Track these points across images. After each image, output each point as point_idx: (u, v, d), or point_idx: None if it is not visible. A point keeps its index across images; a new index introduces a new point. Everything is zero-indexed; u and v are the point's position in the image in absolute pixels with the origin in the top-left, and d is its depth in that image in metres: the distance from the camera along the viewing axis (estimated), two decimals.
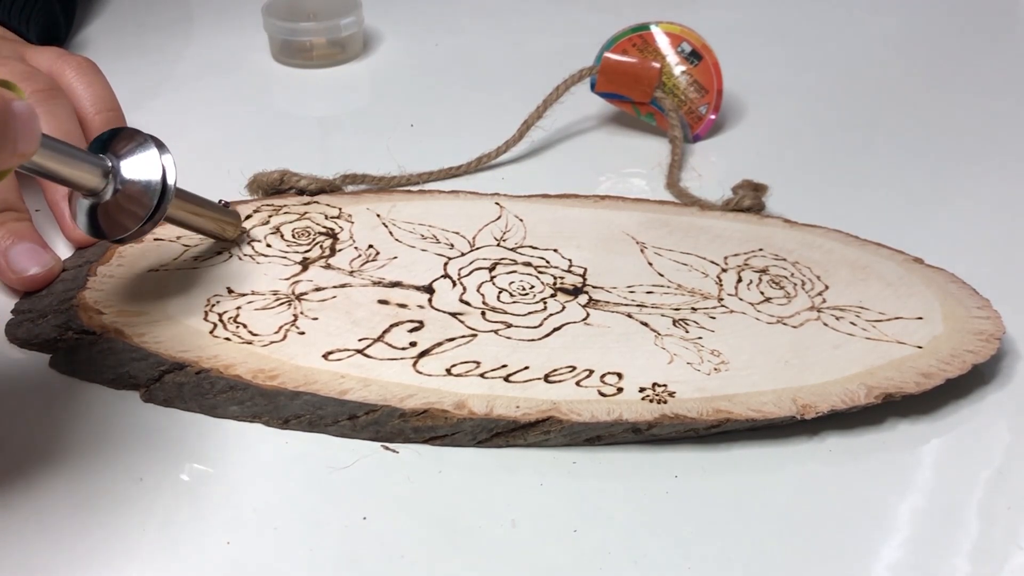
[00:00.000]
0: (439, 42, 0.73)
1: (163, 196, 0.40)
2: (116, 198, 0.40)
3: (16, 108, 0.32)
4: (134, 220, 0.40)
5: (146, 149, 0.40)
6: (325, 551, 0.35)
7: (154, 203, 0.40)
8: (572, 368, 0.41)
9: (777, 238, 0.49)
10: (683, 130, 0.57)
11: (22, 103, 0.33)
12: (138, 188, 0.40)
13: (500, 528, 0.36)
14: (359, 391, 0.39)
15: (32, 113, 0.33)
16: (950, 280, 0.46)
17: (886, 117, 0.63)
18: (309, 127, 0.63)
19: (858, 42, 0.74)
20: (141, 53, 0.70)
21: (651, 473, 0.38)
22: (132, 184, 0.40)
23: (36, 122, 0.33)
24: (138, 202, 0.40)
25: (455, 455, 0.38)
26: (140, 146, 0.41)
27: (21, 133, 0.32)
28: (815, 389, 0.39)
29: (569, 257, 0.47)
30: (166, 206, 0.40)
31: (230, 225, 0.47)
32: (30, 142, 0.33)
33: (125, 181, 0.40)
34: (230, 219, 0.47)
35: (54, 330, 0.42)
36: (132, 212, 0.40)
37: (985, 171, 0.58)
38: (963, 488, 0.38)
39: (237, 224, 0.47)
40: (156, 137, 0.41)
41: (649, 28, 0.58)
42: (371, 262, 0.47)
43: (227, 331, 0.42)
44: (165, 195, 0.40)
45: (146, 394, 0.40)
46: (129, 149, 0.41)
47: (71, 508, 0.36)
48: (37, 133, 0.33)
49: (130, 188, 0.40)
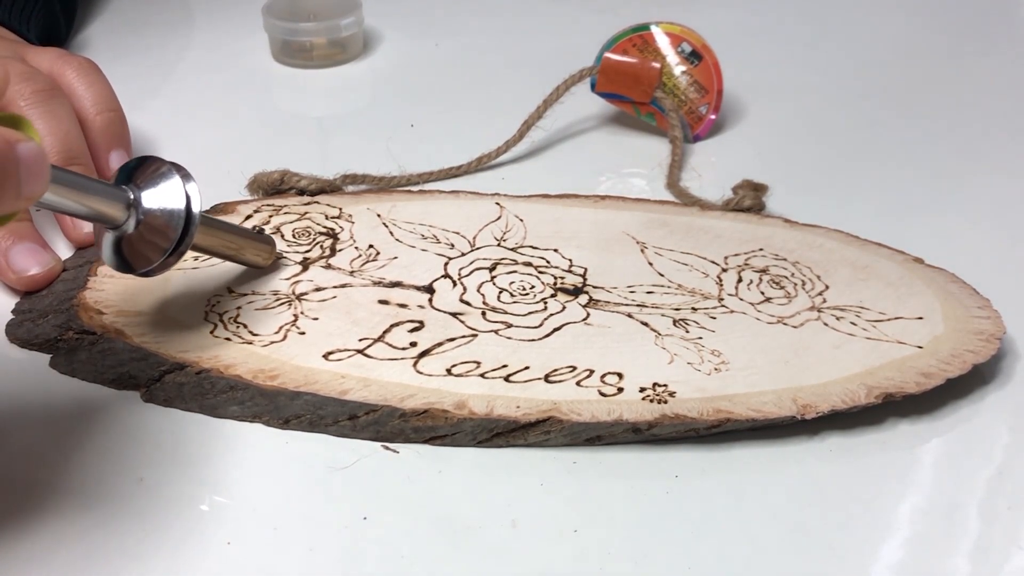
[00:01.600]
0: (439, 42, 0.73)
1: (187, 227, 0.39)
2: (140, 230, 0.39)
3: (21, 151, 0.31)
4: (158, 252, 0.38)
5: (169, 178, 0.39)
6: (325, 551, 0.35)
7: (178, 235, 0.38)
8: (572, 368, 0.41)
9: (777, 238, 0.49)
10: (683, 130, 0.57)
11: (29, 145, 0.31)
12: (161, 219, 0.38)
13: (500, 528, 0.36)
14: (359, 391, 0.39)
15: (40, 155, 0.32)
16: (950, 280, 0.46)
17: (886, 117, 0.63)
18: (309, 127, 0.63)
19: (858, 42, 0.74)
20: (141, 53, 0.70)
21: (651, 473, 0.38)
22: (155, 215, 0.39)
23: (44, 163, 0.32)
24: (162, 234, 0.38)
25: (455, 455, 0.38)
26: (163, 175, 0.39)
27: (26, 176, 0.31)
28: (815, 389, 0.39)
29: (569, 257, 0.47)
30: (191, 238, 0.39)
31: (264, 252, 0.45)
32: (37, 184, 0.32)
33: (147, 212, 0.39)
34: (264, 246, 0.45)
35: (54, 330, 0.42)
36: (155, 244, 0.38)
37: (985, 171, 0.58)
38: (963, 488, 0.38)
39: (271, 251, 0.46)
40: (181, 166, 0.40)
41: (649, 28, 0.58)
42: (371, 262, 0.47)
43: (227, 331, 0.42)
44: (190, 226, 0.39)
45: (146, 394, 0.40)
46: (152, 179, 0.39)
47: (71, 508, 0.36)
48: (45, 174, 0.32)
49: (153, 219, 0.39)
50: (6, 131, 0.31)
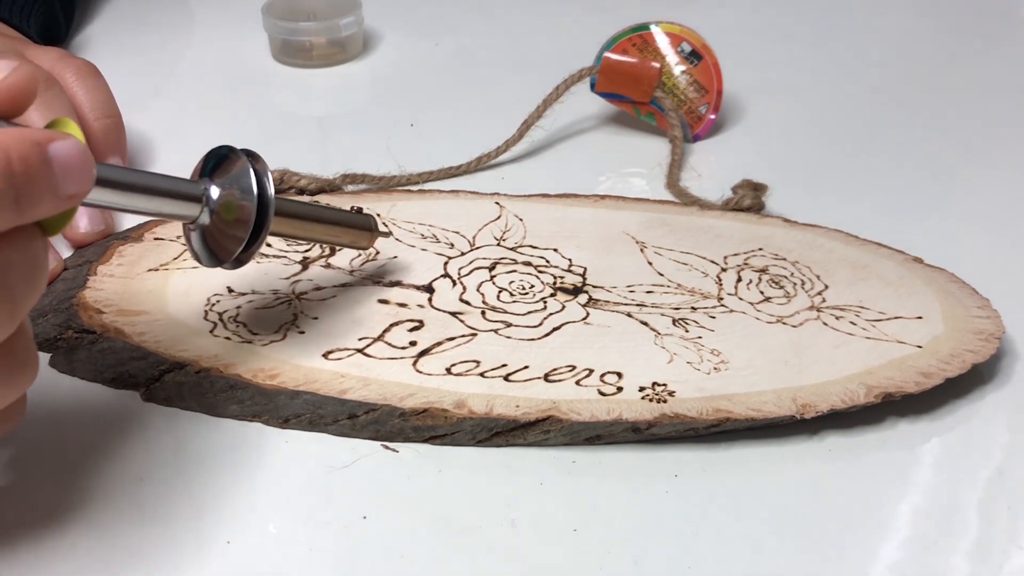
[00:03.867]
0: (439, 42, 0.73)
1: (263, 214, 0.37)
2: (215, 222, 0.38)
3: (54, 150, 0.30)
4: (236, 243, 0.37)
5: (239, 166, 0.38)
6: (325, 551, 0.35)
7: (251, 223, 0.37)
8: (572, 367, 0.41)
9: (777, 238, 0.49)
10: (683, 130, 0.57)
11: (66, 143, 0.30)
12: (235, 209, 0.37)
13: (500, 528, 0.36)
14: (359, 390, 0.39)
15: (80, 151, 0.30)
16: (950, 280, 0.46)
17: (886, 117, 0.63)
18: (309, 127, 0.63)
19: (858, 42, 0.74)
20: (141, 53, 0.70)
21: (651, 472, 0.38)
22: (229, 206, 0.37)
23: (85, 160, 0.30)
24: (238, 224, 0.37)
25: (455, 454, 0.38)
26: (233, 164, 0.38)
27: (64, 175, 0.30)
28: (815, 388, 0.39)
29: (569, 256, 0.47)
30: (268, 224, 0.38)
31: (364, 236, 0.44)
32: (78, 182, 0.30)
33: (220, 204, 0.37)
34: (362, 226, 0.44)
35: (54, 329, 0.42)
36: (233, 235, 0.38)
37: (985, 171, 0.58)
38: (963, 488, 0.38)
39: (372, 234, 0.44)
40: (254, 153, 0.38)
41: (649, 28, 0.58)
42: (371, 261, 0.47)
43: (227, 330, 0.42)
44: (265, 213, 0.37)
45: (146, 393, 0.40)
46: (223, 169, 0.38)
47: (71, 508, 0.36)
48: (87, 171, 0.31)
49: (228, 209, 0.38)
50: (37, 132, 0.30)
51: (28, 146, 0.29)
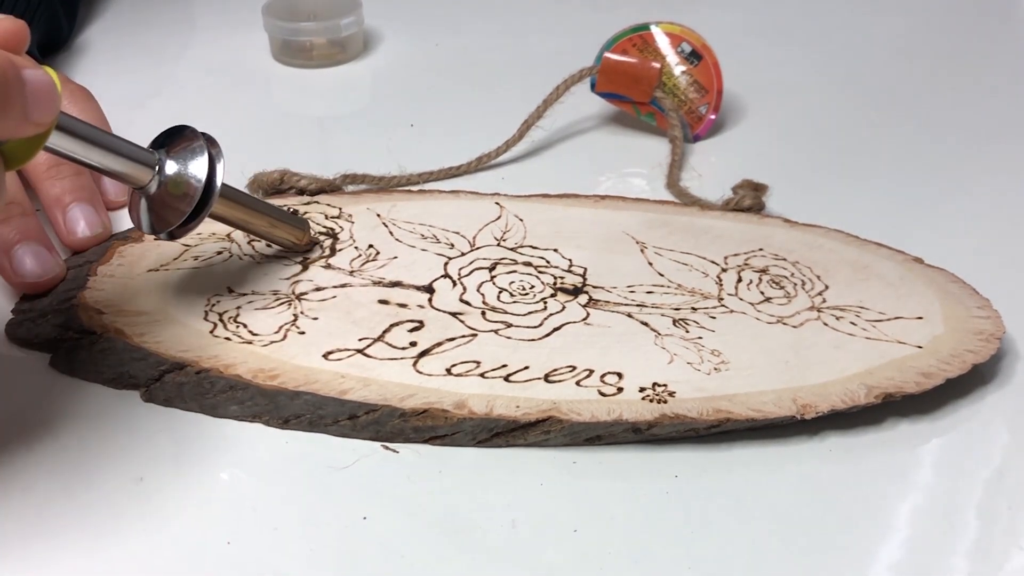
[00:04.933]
0: (439, 42, 0.73)
1: (208, 194, 0.40)
2: (161, 193, 0.40)
3: (28, 75, 0.32)
4: (177, 216, 0.40)
5: (196, 147, 0.41)
6: (325, 551, 0.35)
7: (196, 200, 0.40)
8: (572, 368, 0.41)
9: (777, 238, 0.49)
10: (683, 130, 0.57)
11: (38, 72, 0.33)
12: (183, 184, 0.40)
13: (500, 528, 0.36)
14: (359, 391, 0.39)
15: (49, 84, 0.33)
16: (950, 280, 0.46)
17: (886, 117, 0.63)
18: (309, 127, 0.63)
19: (858, 42, 0.74)
20: (141, 53, 0.70)
21: (651, 473, 0.38)
22: (177, 180, 0.40)
23: (53, 93, 0.33)
24: (183, 198, 0.40)
25: (455, 455, 0.38)
26: (192, 143, 0.41)
27: (33, 101, 0.32)
28: (815, 389, 0.39)
29: (569, 257, 0.47)
30: (211, 204, 0.40)
31: (296, 233, 0.46)
32: (44, 111, 0.33)
33: (170, 177, 0.40)
34: (296, 226, 0.46)
35: (54, 330, 0.42)
36: (175, 208, 0.40)
37: (985, 171, 0.58)
38: (963, 488, 0.38)
39: (304, 233, 0.47)
40: (212, 137, 0.41)
41: (649, 28, 0.58)
42: (371, 262, 0.47)
43: (227, 331, 0.42)
44: (211, 193, 0.40)
45: (146, 394, 0.40)
46: (180, 146, 0.41)
47: (71, 508, 0.36)
48: (53, 103, 0.33)
49: (176, 184, 0.40)
50: (15, 56, 0.32)
51: (5, 61, 0.32)
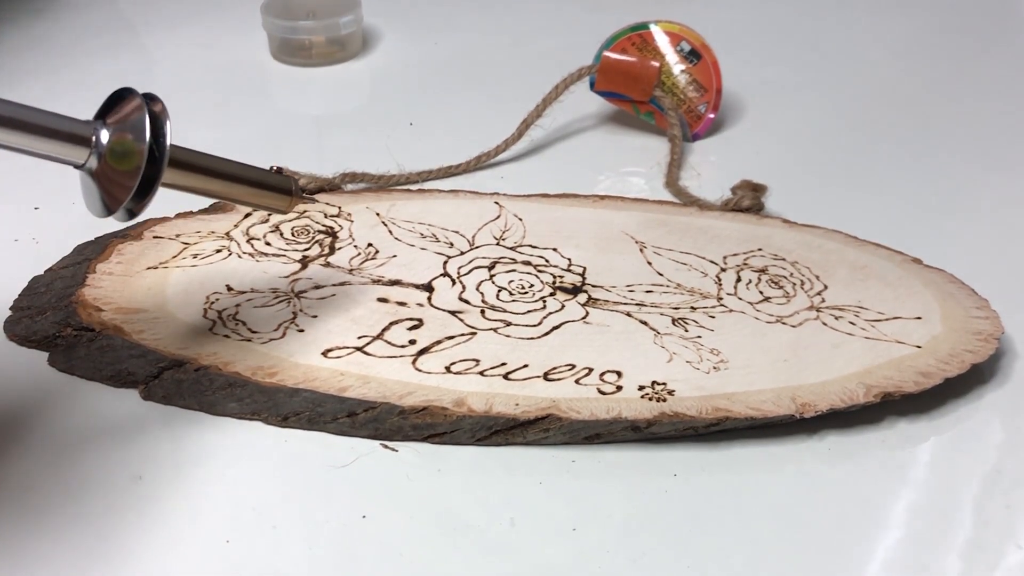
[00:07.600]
0: (439, 41, 0.73)
1: (155, 161, 0.34)
2: (103, 167, 0.34)
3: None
4: (124, 191, 0.34)
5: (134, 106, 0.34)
6: (324, 550, 0.35)
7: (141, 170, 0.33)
8: (571, 366, 0.41)
9: (776, 238, 0.49)
10: (682, 129, 0.57)
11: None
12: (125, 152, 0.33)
13: (499, 526, 0.36)
14: (358, 388, 0.39)
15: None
16: (949, 280, 0.46)
17: (886, 117, 0.63)
18: (308, 126, 0.63)
19: (858, 42, 0.74)
20: (141, 52, 0.70)
21: (650, 471, 0.38)
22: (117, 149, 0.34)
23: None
24: (129, 169, 0.33)
25: (454, 453, 0.38)
26: (128, 105, 0.34)
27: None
28: (814, 388, 0.39)
29: (568, 256, 0.47)
30: (161, 173, 0.34)
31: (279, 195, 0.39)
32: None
33: (108, 147, 0.34)
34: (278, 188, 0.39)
35: (53, 327, 0.42)
36: (122, 184, 0.34)
37: (984, 171, 0.58)
38: (961, 487, 0.38)
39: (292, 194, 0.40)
40: (155, 96, 0.34)
41: (648, 27, 0.58)
42: (370, 260, 0.47)
43: (226, 328, 0.42)
44: (159, 160, 0.34)
45: (145, 391, 0.40)
46: (118, 112, 0.34)
47: (70, 506, 0.36)
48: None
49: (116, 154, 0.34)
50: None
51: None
